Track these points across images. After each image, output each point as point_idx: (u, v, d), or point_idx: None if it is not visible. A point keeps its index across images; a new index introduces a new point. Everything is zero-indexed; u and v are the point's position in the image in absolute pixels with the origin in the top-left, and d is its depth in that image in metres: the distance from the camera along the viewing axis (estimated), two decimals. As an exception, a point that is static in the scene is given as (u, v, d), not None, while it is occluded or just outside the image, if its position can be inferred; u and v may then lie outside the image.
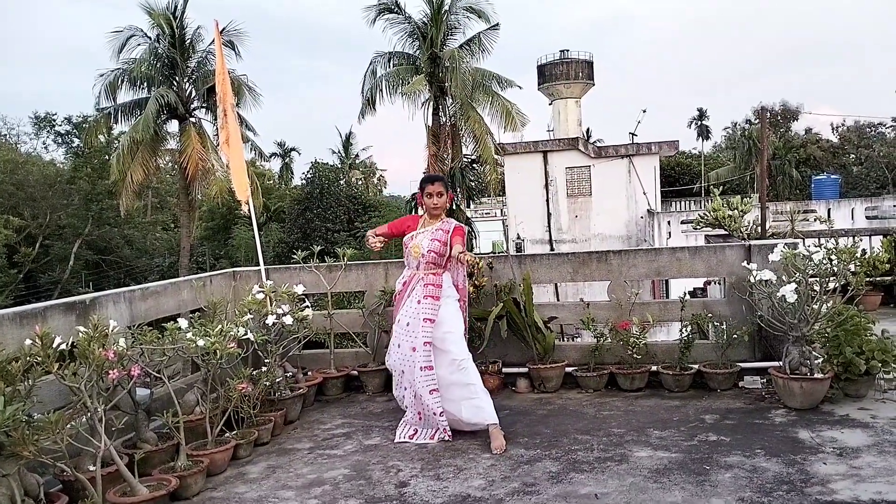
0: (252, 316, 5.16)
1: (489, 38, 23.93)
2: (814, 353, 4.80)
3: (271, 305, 5.36)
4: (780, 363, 4.93)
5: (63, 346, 3.55)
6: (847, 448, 3.98)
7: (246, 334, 4.76)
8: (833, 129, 49.07)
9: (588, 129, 49.29)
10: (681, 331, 5.54)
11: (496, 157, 24.36)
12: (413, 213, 30.88)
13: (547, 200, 26.45)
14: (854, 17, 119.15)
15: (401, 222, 5.28)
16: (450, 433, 4.65)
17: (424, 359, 4.71)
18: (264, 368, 5.13)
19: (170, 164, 31.10)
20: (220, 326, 4.41)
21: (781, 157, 42.17)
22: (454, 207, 24.98)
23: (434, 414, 4.66)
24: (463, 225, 5.04)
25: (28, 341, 3.48)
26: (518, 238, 26.46)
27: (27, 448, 3.17)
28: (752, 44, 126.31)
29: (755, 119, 43.65)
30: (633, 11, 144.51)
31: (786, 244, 5.03)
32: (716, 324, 5.53)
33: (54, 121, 36.69)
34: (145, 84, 24.10)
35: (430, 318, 4.78)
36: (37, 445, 3.23)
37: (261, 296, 5.37)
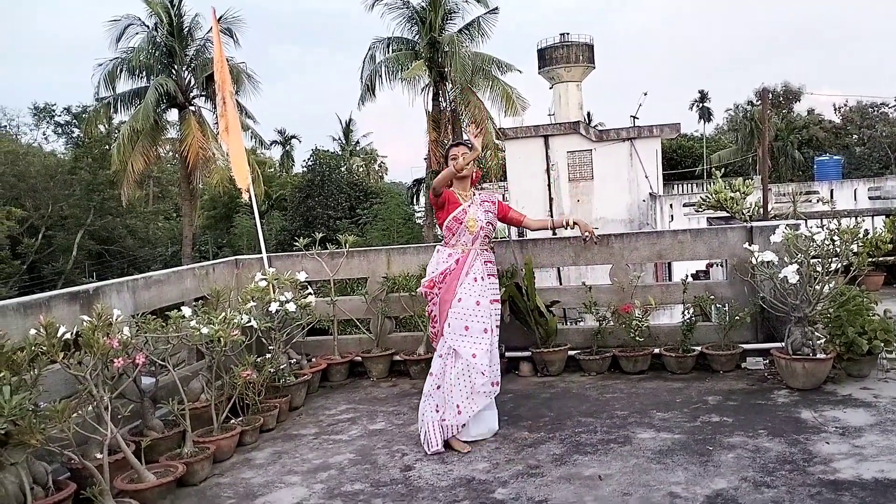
0: (255, 303, 5.17)
1: (488, 22, 23.85)
2: (816, 333, 4.80)
3: (274, 293, 5.37)
4: (783, 344, 4.94)
5: (68, 336, 3.57)
6: (850, 427, 3.99)
7: (249, 322, 4.79)
8: (835, 109, 48.88)
9: (589, 113, 49.11)
10: (683, 313, 5.55)
11: (497, 141, 24.31)
12: (415, 199, 30.93)
13: (548, 185, 26.41)
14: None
15: (451, 192, 4.57)
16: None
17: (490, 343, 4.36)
18: (268, 355, 5.16)
19: (170, 153, 31.07)
20: (223, 314, 4.44)
21: (783, 139, 42.02)
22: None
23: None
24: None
25: (33, 331, 3.50)
26: (520, 223, 26.41)
27: (34, 437, 3.19)
28: (754, 24, 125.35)
29: (757, 100, 43.42)
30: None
31: (788, 225, 5.02)
32: (718, 306, 5.53)
33: (54, 111, 36.72)
34: (144, 73, 23.99)
35: (496, 299, 4.51)
36: (44, 434, 3.25)
37: (263, 283, 5.38)
